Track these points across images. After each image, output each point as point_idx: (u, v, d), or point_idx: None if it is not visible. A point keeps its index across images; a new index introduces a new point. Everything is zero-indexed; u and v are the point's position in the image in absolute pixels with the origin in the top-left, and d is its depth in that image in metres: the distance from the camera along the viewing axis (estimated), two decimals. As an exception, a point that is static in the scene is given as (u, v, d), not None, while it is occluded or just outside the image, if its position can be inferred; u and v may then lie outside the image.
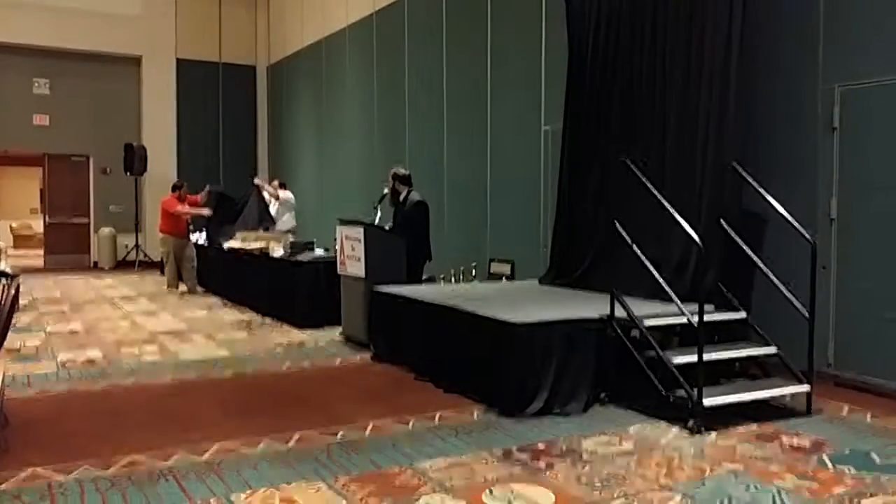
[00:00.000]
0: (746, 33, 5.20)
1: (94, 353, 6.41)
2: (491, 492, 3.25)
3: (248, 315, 8.75)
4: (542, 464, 3.61)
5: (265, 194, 11.17)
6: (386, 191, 7.25)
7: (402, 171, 7.27)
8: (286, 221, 11.15)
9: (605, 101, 6.33)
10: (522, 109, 8.11)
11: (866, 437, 4.05)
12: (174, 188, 11.01)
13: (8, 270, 8.49)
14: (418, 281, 7.11)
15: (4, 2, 14.00)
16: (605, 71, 6.37)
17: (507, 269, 8.03)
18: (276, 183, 11.61)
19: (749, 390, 4.51)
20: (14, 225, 20.70)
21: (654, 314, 4.79)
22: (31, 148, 15.24)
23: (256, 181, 11.43)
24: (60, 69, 14.90)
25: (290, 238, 9.29)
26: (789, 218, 4.66)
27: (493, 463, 3.63)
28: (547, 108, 7.72)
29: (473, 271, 8.36)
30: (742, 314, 4.98)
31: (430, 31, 9.88)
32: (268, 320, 8.30)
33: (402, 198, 7.16)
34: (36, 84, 14.87)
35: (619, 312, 4.74)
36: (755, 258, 4.88)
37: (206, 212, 11.04)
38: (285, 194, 11.40)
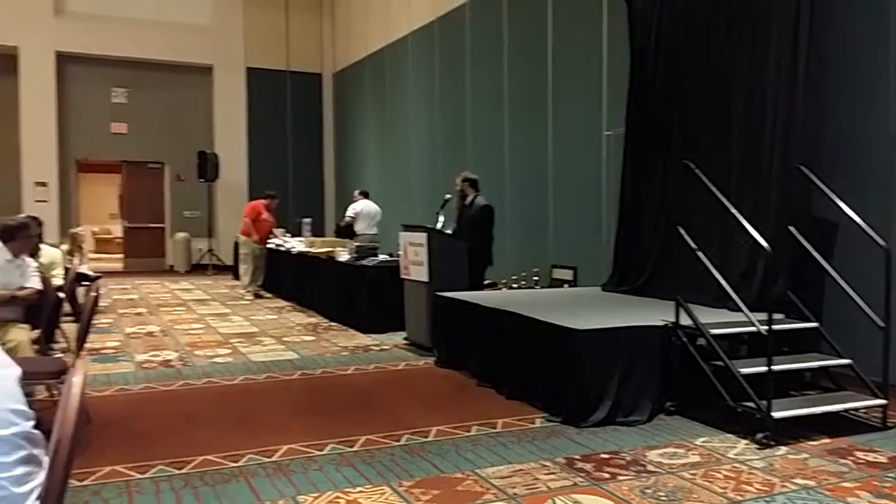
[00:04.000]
0: (815, 31, 5.06)
1: (170, 355, 6.66)
2: (554, 501, 3.26)
3: (316, 318, 8.94)
4: (605, 474, 3.60)
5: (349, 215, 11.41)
6: (448, 196, 7.32)
7: (472, 175, 7.40)
8: (364, 229, 11.33)
9: (668, 104, 6.25)
10: (584, 114, 8.06)
11: (946, 452, 3.90)
12: (266, 196, 11.32)
13: (90, 273, 8.88)
14: (480, 285, 7.16)
15: (85, 16, 14.65)
16: (667, 73, 6.29)
17: (569, 275, 8.00)
18: (279, 231, 11.75)
19: (821, 403, 4.38)
20: (95, 229, 21.57)
21: (721, 322, 4.71)
22: (109, 155, 15.87)
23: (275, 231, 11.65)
24: (137, 79, 15.48)
25: (357, 243, 9.42)
26: (862, 223, 4.51)
27: (555, 472, 3.63)
28: (609, 113, 7.65)
29: (535, 277, 8.35)
30: (813, 323, 4.83)
31: (492, 36, 9.91)
32: (334, 324, 8.47)
33: (468, 201, 7.24)
34: (114, 93, 15.48)
35: (685, 320, 4.67)
36: (826, 265, 4.74)
37: (276, 230, 11.51)
38: (361, 205, 11.52)
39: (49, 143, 14.51)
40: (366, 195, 11.61)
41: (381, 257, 8.38)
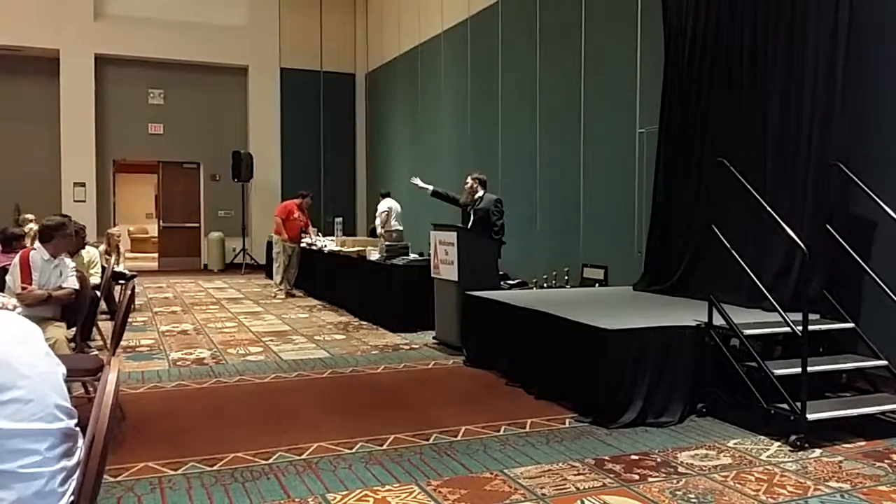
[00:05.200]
0: (854, 26, 4.94)
1: (203, 353, 6.75)
2: (582, 502, 3.24)
3: (346, 317, 8.99)
4: (635, 475, 3.56)
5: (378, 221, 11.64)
6: (461, 196, 7.55)
7: (482, 175, 7.79)
8: (395, 225, 11.46)
9: (703, 101, 6.17)
10: (617, 112, 7.99)
11: None
12: (299, 195, 11.43)
13: (126, 272, 9.04)
14: (497, 281, 7.25)
15: (123, 19, 14.91)
16: (702, 69, 6.20)
17: (600, 274, 7.94)
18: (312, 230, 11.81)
19: (856, 405, 4.29)
20: (131, 229, 21.95)
21: (755, 323, 4.64)
22: (146, 156, 16.13)
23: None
24: (174, 80, 15.71)
25: (387, 242, 9.48)
26: (902, 222, 4.41)
27: (584, 472, 3.60)
28: (642, 110, 7.58)
29: (566, 276, 8.30)
30: (849, 324, 4.72)
31: (524, 33, 9.87)
32: (364, 323, 8.51)
33: (477, 196, 7.56)
34: (151, 94, 15.72)
35: (718, 320, 4.61)
36: (863, 264, 4.64)
37: (311, 229, 11.61)
38: (389, 202, 11.68)
39: (87, 144, 14.78)
40: (388, 195, 12.00)
41: (412, 256, 8.41)
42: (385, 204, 11.79)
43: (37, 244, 4.96)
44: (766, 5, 5.59)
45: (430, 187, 8.25)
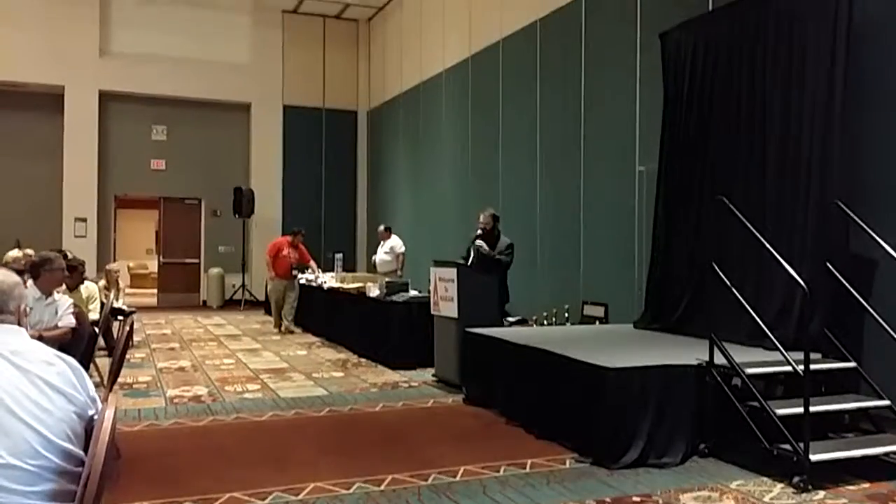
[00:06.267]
0: (851, 66, 4.99)
1: (201, 390, 6.69)
2: (582, 544, 3.18)
3: (345, 354, 8.94)
4: (635, 517, 3.51)
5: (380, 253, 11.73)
6: (481, 244, 7.26)
7: (496, 212, 7.50)
8: (388, 263, 11.45)
9: (702, 139, 6.22)
10: (617, 149, 8.04)
11: None
12: (291, 232, 11.44)
13: (125, 308, 9.02)
14: (501, 321, 7.15)
15: (128, 56, 15.08)
16: (701, 107, 6.26)
17: (601, 311, 7.91)
18: (312, 265, 11.74)
19: (860, 446, 4.24)
20: (131, 265, 21.94)
21: (757, 361, 4.61)
22: (148, 191, 16.18)
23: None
24: (177, 116, 15.83)
25: (387, 279, 9.49)
26: (902, 261, 4.41)
27: (584, 514, 3.55)
28: (641, 148, 7.63)
29: (567, 313, 8.28)
30: (851, 363, 4.69)
31: (525, 72, 9.97)
32: (363, 360, 8.46)
33: (496, 234, 7.31)
34: (154, 130, 15.84)
35: (719, 359, 4.58)
36: (864, 303, 4.62)
37: (314, 266, 11.56)
38: (393, 241, 11.72)
39: (90, 179, 14.85)
40: (390, 229, 11.99)
41: (412, 293, 8.39)
42: (397, 240, 11.75)
43: (29, 282, 4.94)
44: (763, 47, 5.65)
45: (472, 253, 7.37)
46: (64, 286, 6.31)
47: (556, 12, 9.33)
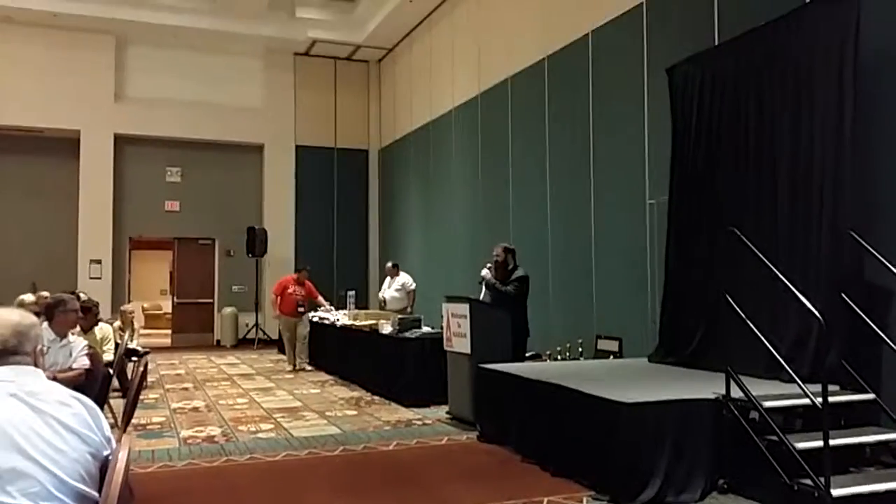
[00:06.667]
0: (860, 93, 4.99)
1: (214, 430, 6.67)
2: (600, 584, 3.12)
3: (358, 392, 8.90)
4: (654, 555, 3.44)
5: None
6: (486, 273, 7.29)
7: (512, 245, 7.49)
8: (399, 300, 11.45)
9: (712, 171, 6.22)
10: (626, 183, 8.06)
11: None
12: (297, 270, 11.52)
13: (139, 348, 9.04)
14: (522, 357, 7.09)
15: (143, 100, 15.34)
16: (710, 139, 6.28)
17: (615, 345, 7.86)
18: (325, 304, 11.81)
19: (883, 480, 4.15)
20: (145, 305, 22.03)
21: (774, 395, 4.55)
22: (162, 233, 16.32)
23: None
24: (191, 158, 16.01)
25: (399, 315, 9.48)
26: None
27: (602, 553, 3.49)
28: (651, 181, 7.65)
29: (580, 348, 8.22)
30: (870, 395, 4.63)
31: (534, 108, 10.06)
32: (376, 398, 8.41)
33: (509, 267, 7.27)
34: (169, 172, 16.00)
35: (736, 392, 4.53)
36: (881, 334, 4.57)
37: (322, 301, 11.62)
38: (404, 277, 11.75)
39: (105, 222, 15.01)
40: (396, 267, 12.00)
41: (425, 329, 8.37)
42: (407, 280, 11.77)
43: (44, 324, 4.98)
44: (770, 79, 5.68)
45: (483, 287, 7.42)
46: (78, 328, 6.36)
47: (563, 49, 9.44)
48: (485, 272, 7.30)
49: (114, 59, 15.23)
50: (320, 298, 11.65)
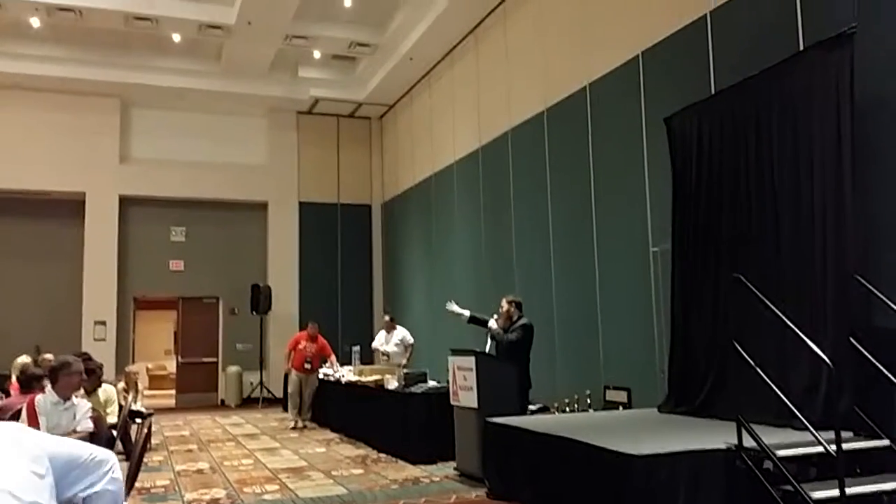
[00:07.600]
0: (857, 133, 5.01)
1: (219, 493, 6.55)
2: None
3: (365, 450, 8.77)
4: None
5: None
6: (492, 323, 7.25)
7: (518, 298, 7.46)
8: (398, 355, 11.38)
9: (714, 217, 6.23)
10: (629, 232, 8.07)
11: None
12: (304, 325, 11.55)
13: (143, 410, 8.95)
14: (524, 408, 7.00)
15: (147, 161, 15.51)
16: (710, 186, 6.30)
17: (623, 396, 7.76)
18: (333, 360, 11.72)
19: (903, 528, 4.06)
20: (149, 366, 21.90)
21: (787, 443, 4.46)
22: (167, 292, 16.30)
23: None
24: (195, 217, 16.09)
25: (405, 370, 9.40)
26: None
27: None
28: (654, 229, 7.65)
29: (588, 399, 8.12)
30: (885, 441, 4.54)
31: (535, 158, 10.14)
32: (383, 455, 8.29)
33: (514, 319, 7.21)
34: (173, 232, 16.07)
35: (748, 442, 4.44)
36: (893, 378, 4.50)
37: (332, 359, 11.54)
38: (402, 332, 11.68)
39: (109, 282, 15.01)
40: (393, 320, 11.98)
41: (430, 384, 8.30)
42: (406, 334, 11.69)
43: (48, 387, 4.94)
44: (768, 125, 5.73)
45: (467, 312, 7.55)
46: (82, 390, 6.30)
47: (562, 102, 9.56)
48: (492, 322, 7.29)
49: (119, 121, 15.44)
50: (332, 358, 11.55)
